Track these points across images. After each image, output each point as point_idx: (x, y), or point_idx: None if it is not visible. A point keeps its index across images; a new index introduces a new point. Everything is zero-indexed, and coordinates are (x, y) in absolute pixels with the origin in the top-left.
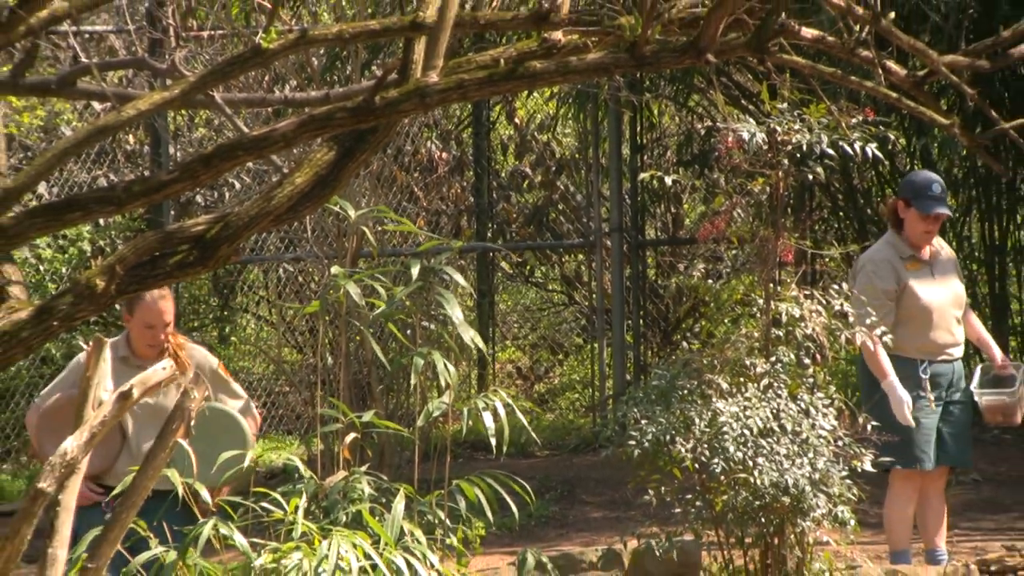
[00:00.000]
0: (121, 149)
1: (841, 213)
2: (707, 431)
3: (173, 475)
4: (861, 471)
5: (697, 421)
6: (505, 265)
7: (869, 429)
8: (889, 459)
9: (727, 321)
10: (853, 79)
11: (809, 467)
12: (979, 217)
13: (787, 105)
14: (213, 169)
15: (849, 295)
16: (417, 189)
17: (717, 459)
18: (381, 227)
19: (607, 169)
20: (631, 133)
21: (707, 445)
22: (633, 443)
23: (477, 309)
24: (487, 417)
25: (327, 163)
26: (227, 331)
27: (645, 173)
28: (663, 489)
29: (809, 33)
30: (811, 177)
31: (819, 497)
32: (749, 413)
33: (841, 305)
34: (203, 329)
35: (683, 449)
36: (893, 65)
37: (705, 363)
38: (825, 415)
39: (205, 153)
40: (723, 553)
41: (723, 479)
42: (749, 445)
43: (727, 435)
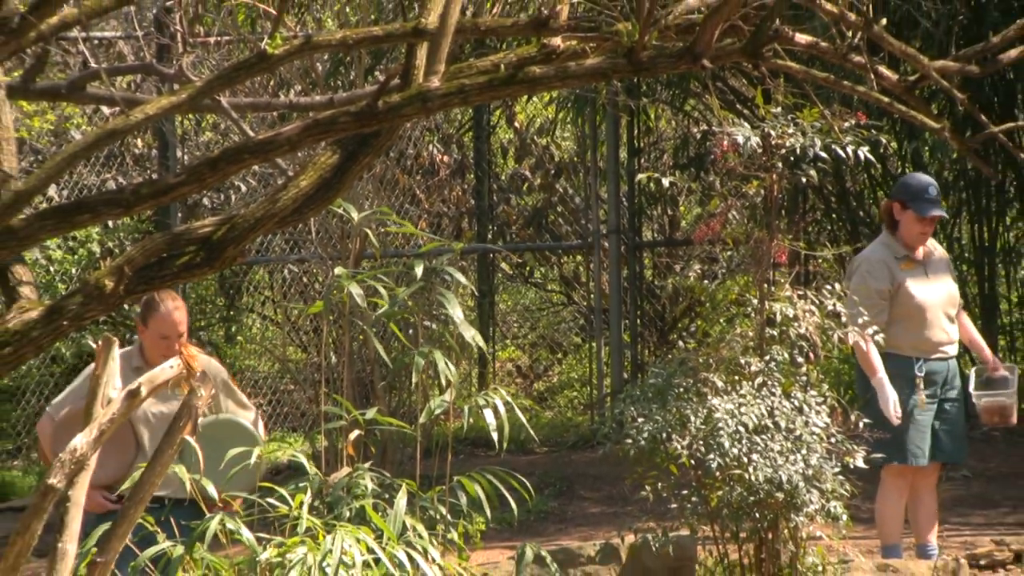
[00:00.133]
0: (129, 152)
1: (834, 215)
2: (703, 428)
3: (181, 471)
4: (853, 467)
5: (693, 418)
6: (505, 266)
7: (861, 426)
8: (883, 455)
9: (722, 321)
10: (846, 84)
11: (802, 463)
12: (969, 219)
13: (781, 109)
14: (219, 172)
15: (842, 295)
16: (419, 192)
17: (712, 455)
18: (384, 229)
19: (605, 172)
20: (628, 137)
21: (703, 442)
22: (630, 440)
23: (478, 309)
24: (487, 414)
25: (331, 166)
26: (233, 330)
27: (642, 175)
28: (660, 485)
29: (803, 39)
30: (804, 180)
31: (812, 493)
32: (744, 410)
33: (834, 305)
34: (209, 329)
35: (679, 446)
36: (885, 70)
37: (701, 362)
38: (818, 412)
39: (212, 156)
40: (718, 548)
41: (718, 475)
42: (744, 442)
43: (722, 432)
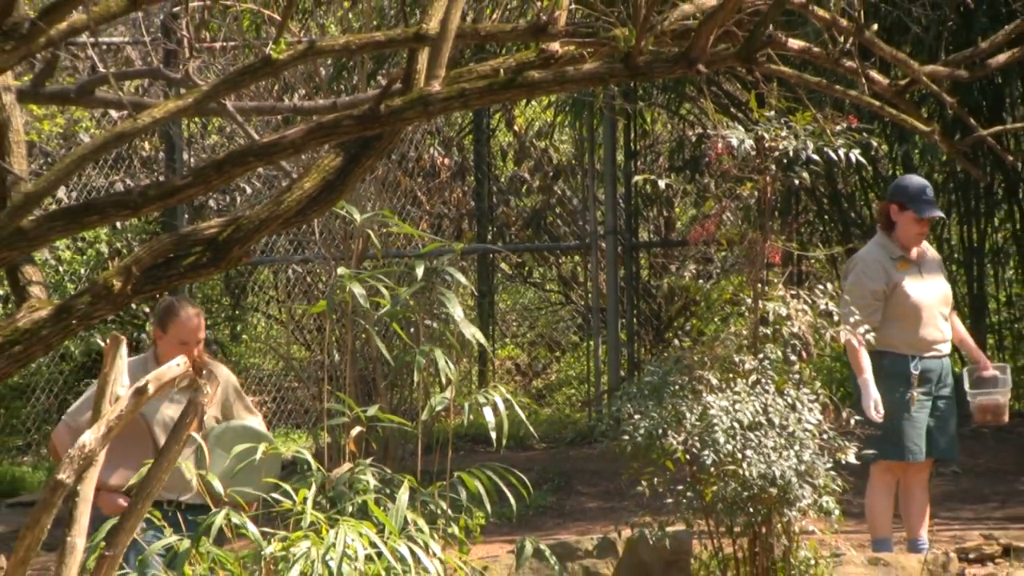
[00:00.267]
0: (137, 155)
1: (826, 216)
2: (698, 425)
3: (188, 467)
4: (845, 463)
5: (688, 415)
6: (505, 266)
7: (852, 423)
8: (874, 451)
9: (717, 320)
10: (838, 88)
11: (795, 459)
12: (958, 220)
13: (774, 113)
14: (225, 174)
15: (834, 295)
16: (420, 193)
17: (707, 451)
18: (385, 230)
19: (602, 174)
20: (625, 140)
21: (698, 438)
22: (627, 437)
23: (478, 308)
24: (487, 412)
25: (334, 169)
26: (239, 329)
27: (639, 177)
28: (655, 480)
29: (795, 44)
30: (797, 182)
31: (805, 488)
32: (738, 407)
33: (826, 304)
34: (215, 328)
35: (675, 442)
36: (876, 75)
37: (696, 360)
38: (811, 410)
39: (218, 159)
40: (713, 542)
41: (713, 471)
42: (738, 438)
43: (717, 428)
